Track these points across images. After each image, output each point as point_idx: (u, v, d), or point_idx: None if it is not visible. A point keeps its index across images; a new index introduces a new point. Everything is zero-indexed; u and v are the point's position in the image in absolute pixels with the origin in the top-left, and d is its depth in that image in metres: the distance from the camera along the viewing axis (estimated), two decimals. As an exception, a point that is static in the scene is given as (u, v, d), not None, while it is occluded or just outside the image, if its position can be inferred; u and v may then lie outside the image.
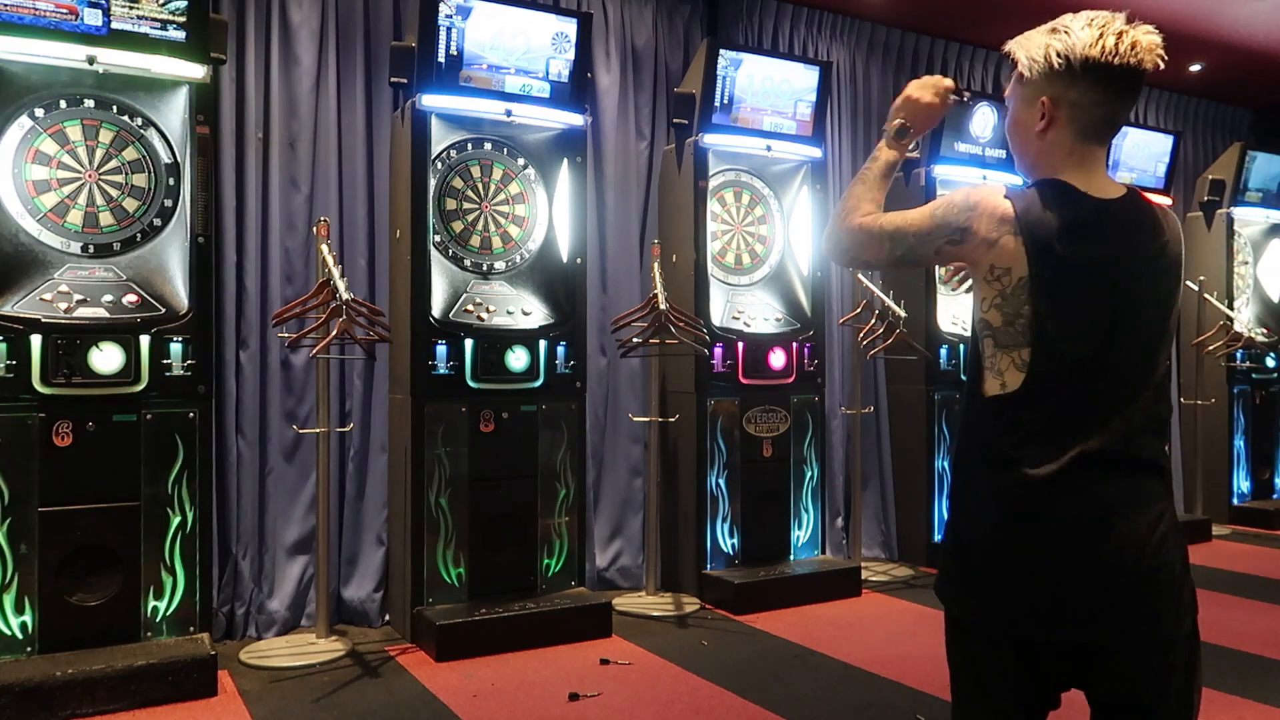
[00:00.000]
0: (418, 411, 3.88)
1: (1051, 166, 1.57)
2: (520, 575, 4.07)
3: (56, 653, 3.18)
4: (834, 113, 5.55)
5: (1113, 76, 1.50)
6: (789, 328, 4.82)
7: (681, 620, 4.23)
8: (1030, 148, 1.62)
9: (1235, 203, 6.69)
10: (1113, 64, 1.48)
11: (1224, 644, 3.85)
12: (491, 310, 4.06)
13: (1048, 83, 1.54)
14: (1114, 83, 1.51)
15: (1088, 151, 1.56)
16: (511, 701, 3.24)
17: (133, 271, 3.45)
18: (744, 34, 5.33)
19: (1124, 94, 1.54)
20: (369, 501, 4.24)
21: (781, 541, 4.77)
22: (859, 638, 3.99)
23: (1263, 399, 6.75)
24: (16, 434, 3.18)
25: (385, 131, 4.33)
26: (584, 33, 4.17)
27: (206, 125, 3.54)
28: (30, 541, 3.19)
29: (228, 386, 3.97)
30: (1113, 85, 1.51)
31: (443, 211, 4.08)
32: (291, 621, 4.02)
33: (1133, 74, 1.50)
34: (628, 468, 4.88)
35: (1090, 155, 1.56)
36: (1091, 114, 1.53)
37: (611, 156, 4.89)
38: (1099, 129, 1.55)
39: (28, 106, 3.35)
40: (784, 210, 5.00)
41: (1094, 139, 1.56)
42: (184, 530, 3.41)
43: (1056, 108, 1.54)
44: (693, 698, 3.30)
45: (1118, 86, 1.52)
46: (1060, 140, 1.56)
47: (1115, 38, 1.48)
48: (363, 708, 3.20)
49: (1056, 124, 1.55)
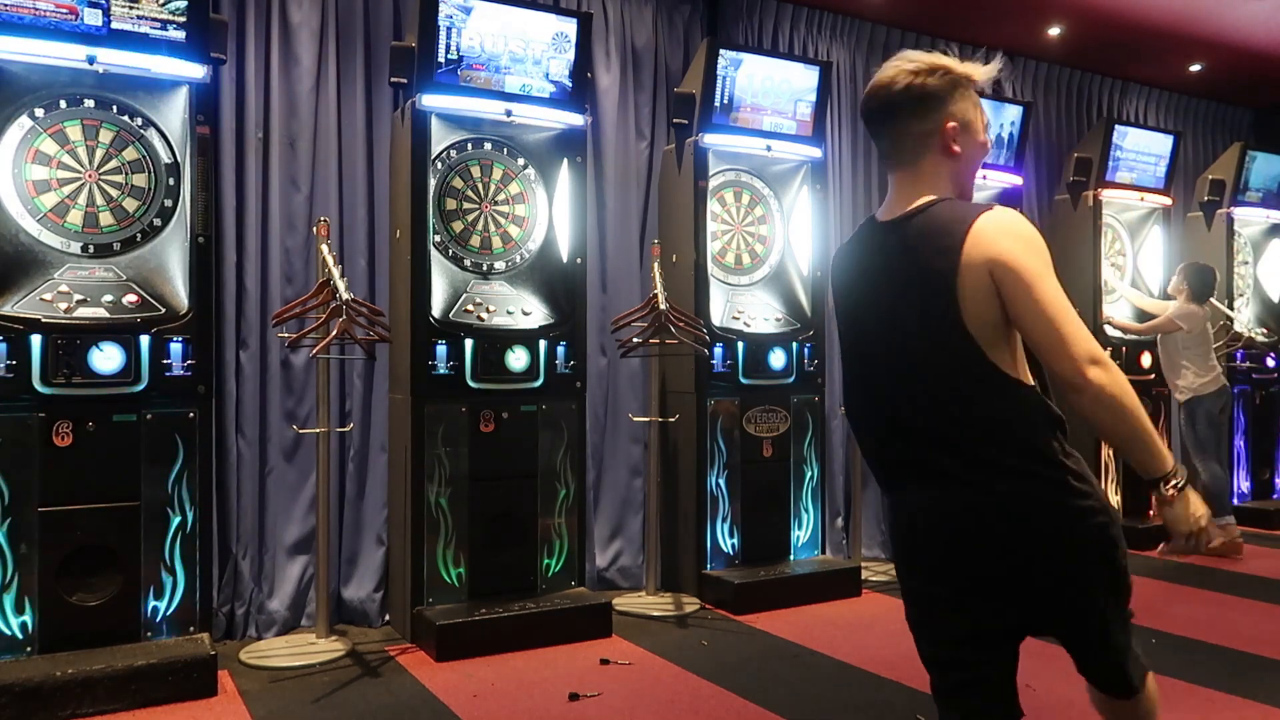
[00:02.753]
0: (418, 411, 3.88)
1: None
2: (520, 575, 4.07)
3: (56, 653, 3.18)
4: (834, 113, 5.55)
5: (863, 114, 1.78)
6: (789, 328, 4.82)
7: (681, 620, 4.23)
8: None
9: (1235, 203, 6.69)
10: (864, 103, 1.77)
11: (1224, 644, 3.85)
12: (491, 310, 4.06)
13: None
14: (865, 119, 1.80)
15: (892, 179, 1.77)
16: (511, 701, 3.24)
17: (133, 271, 3.45)
18: (744, 34, 5.33)
19: (870, 125, 1.78)
20: (369, 501, 4.24)
21: (781, 541, 4.77)
22: (859, 638, 3.99)
23: (1263, 399, 6.75)
24: (16, 434, 3.18)
25: (385, 131, 4.33)
26: (584, 33, 4.18)
27: (206, 125, 3.54)
28: (30, 541, 3.19)
29: (228, 386, 3.97)
30: (865, 121, 1.79)
31: (443, 211, 4.08)
32: (291, 621, 4.02)
33: (866, 109, 1.76)
34: (628, 468, 4.88)
35: (893, 181, 1.77)
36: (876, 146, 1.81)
37: (611, 156, 4.89)
38: (882, 158, 1.80)
39: (28, 106, 3.35)
40: (784, 210, 5.00)
41: (887, 167, 1.79)
42: (184, 530, 3.41)
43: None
44: (693, 698, 3.30)
45: (866, 121, 1.79)
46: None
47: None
48: (363, 708, 3.20)
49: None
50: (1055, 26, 5.97)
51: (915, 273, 1.63)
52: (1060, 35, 6.08)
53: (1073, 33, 6.03)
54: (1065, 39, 6.13)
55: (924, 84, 1.68)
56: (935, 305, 1.60)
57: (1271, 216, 6.95)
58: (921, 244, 1.63)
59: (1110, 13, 5.70)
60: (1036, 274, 1.55)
